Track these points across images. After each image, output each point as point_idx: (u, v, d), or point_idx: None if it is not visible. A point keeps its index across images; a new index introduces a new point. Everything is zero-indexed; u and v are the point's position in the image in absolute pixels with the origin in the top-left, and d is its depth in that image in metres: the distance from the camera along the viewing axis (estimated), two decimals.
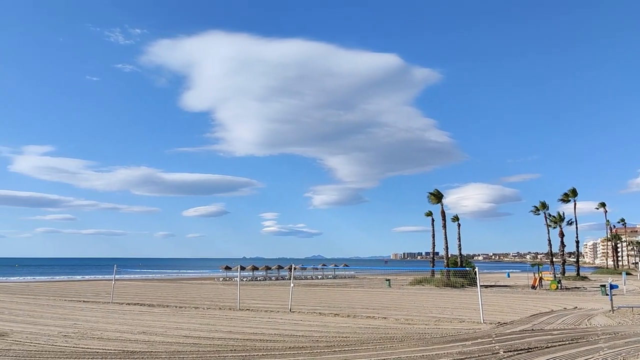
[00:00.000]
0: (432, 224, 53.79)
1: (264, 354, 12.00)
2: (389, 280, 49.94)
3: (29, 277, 74.04)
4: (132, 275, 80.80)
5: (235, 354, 11.93)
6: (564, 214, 65.81)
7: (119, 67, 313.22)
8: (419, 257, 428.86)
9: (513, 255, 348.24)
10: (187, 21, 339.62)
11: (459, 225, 52.50)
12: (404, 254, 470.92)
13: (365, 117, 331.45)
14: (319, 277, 70.70)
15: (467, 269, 46.22)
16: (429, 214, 54.55)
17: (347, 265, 79.72)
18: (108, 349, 12.59)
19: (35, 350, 12.36)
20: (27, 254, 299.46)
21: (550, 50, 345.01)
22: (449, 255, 50.71)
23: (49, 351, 12.29)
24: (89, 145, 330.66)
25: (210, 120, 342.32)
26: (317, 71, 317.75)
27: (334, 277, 70.72)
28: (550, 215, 64.89)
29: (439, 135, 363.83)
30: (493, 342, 13.54)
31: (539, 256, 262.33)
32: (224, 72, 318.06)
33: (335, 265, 78.35)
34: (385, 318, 20.16)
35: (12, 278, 70.73)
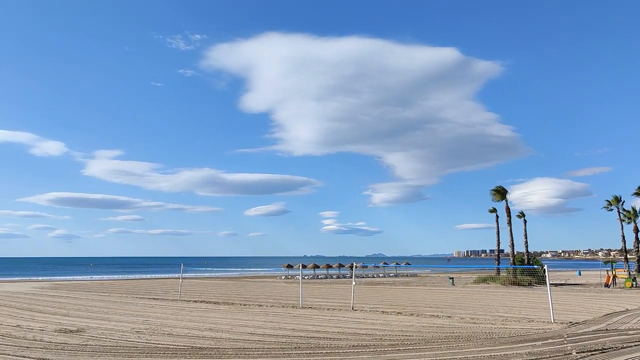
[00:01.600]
0: (497, 221, 52.28)
1: (328, 351, 12.04)
2: (452, 278, 48.94)
3: (102, 276, 77.98)
4: (197, 274, 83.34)
5: (299, 352, 12.03)
6: (639, 209, 62.16)
7: (180, 72, 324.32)
8: (482, 254, 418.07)
9: (584, 253, 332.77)
10: (244, 25, 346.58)
11: (525, 221, 50.68)
12: (467, 251, 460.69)
13: (423, 113, 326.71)
14: (380, 275, 70.29)
15: (536, 266, 44.57)
16: (493, 210, 53.02)
17: (408, 264, 78.88)
18: (178, 345, 13.02)
19: (110, 346, 12.96)
20: (100, 253, 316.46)
21: (618, 36, 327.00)
22: (515, 253, 49.08)
23: (123, 347, 12.85)
24: (155, 149, 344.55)
25: (269, 121, 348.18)
26: (374, 68, 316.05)
27: (396, 276, 70.11)
28: (624, 210, 61.45)
29: (502, 129, 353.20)
30: (565, 342, 12.98)
31: (612, 253, 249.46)
32: (281, 73, 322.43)
33: (397, 264, 77.61)
34: (449, 317, 19.76)
35: (87, 276, 74.78)
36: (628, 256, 58.30)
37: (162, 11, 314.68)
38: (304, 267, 62.00)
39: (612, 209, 61.12)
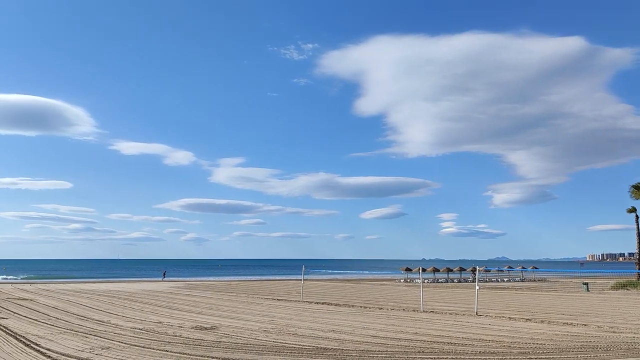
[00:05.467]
0: (637, 221, 47.58)
1: (453, 357, 11.74)
2: (586, 283, 45.30)
3: (230, 277, 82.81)
4: (317, 276, 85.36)
5: (423, 356, 11.87)
6: None
7: (294, 81, 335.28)
8: (620, 258, 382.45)
9: None
10: (354, 31, 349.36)
11: None
12: (602, 255, 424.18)
13: (545, 108, 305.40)
14: (505, 279, 67.04)
15: None
16: (632, 210, 48.32)
17: (535, 268, 74.29)
18: (303, 345, 13.45)
19: (241, 343, 13.72)
20: (227, 256, 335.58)
21: None
22: None
23: (253, 344, 13.54)
24: (273, 155, 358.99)
25: (382, 124, 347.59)
26: (489, 65, 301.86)
27: (522, 280, 66.46)
28: None
29: (637, 122, 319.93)
30: None
31: None
32: (393, 75, 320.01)
33: (523, 268, 73.54)
34: (585, 325, 18.33)
35: (216, 277, 79.90)
36: None
37: (276, 25, 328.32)
38: (424, 270, 60.93)
39: None
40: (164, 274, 75.40)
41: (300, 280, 33.15)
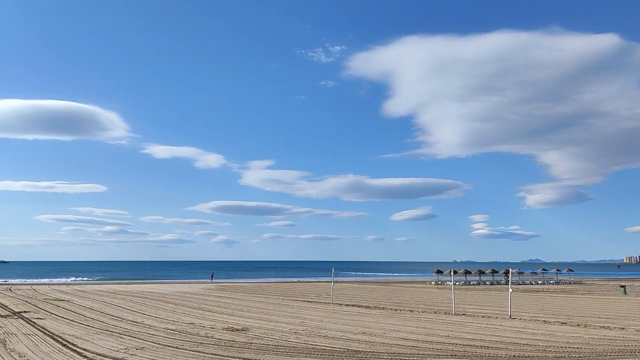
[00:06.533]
0: None
1: None
2: (623, 286, 44.04)
3: (260, 279, 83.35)
4: (347, 278, 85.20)
5: (455, 359, 11.73)
6: None
7: (322, 84, 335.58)
8: None
9: None
10: (381, 32, 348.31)
11: None
12: (639, 256, 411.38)
13: (579, 107, 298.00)
14: (539, 282, 65.77)
15: None
16: None
17: (570, 270, 72.61)
18: (334, 347, 13.44)
19: (272, 345, 13.80)
20: (257, 257, 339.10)
21: None
22: None
23: (284, 346, 13.59)
24: (302, 157, 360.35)
25: (410, 125, 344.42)
26: (519, 64, 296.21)
27: (557, 283, 65.08)
28: None
29: None
30: None
31: None
32: (421, 76, 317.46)
33: (557, 270, 71.96)
34: (622, 329, 17.83)
35: (247, 279, 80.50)
36: None
37: (303, 28, 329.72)
38: (455, 272, 60.21)
39: None
40: (212, 275, 76.54)
41: (330, 282, 33.14)
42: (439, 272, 64.45)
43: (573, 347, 13.58)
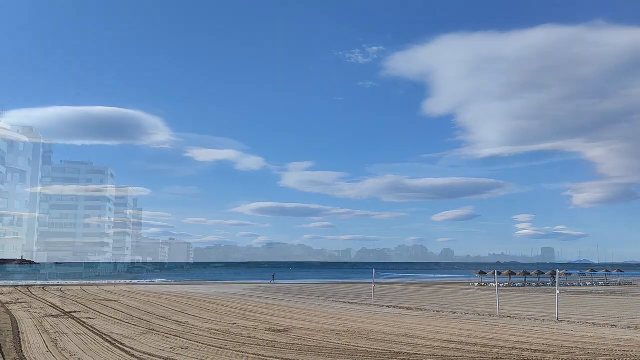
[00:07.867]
0: None
1: None
2: None
3: (300, 280, 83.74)
4: (387, 279, 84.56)
5: None
6: None
7: (360, 84, 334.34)
8: None
9: None
10: (419, 31, 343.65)
11: None
12: None
13: (627, 103, 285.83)
14: (587, 283, 63.65)
15: None
16: None
17: (621, 271, 70.15)
18: (376, 349, 13.35)
19: (314, 346, 13.82)
20: (298, 259, 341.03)
21: None
22: None
23: (325, 347, 13.59)
24: (341, 158, 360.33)
25: (451, 124, 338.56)
26: (563, 59, 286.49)
27: (606, 284, 62.83)
28: None
29: None
30: None
31: None
32: (461, 75, 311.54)
33: (607, 271, 69.57)
34: None
35: (288, 281, 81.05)
36: None
37: (340, 29, 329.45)
38: (499, 274, 58.93)
39: None
40: (273, 276, 77.33)
41: (371, 283, 32.96)
42: (482, 273, 63.16)
43: (624, 351, 13.08)
